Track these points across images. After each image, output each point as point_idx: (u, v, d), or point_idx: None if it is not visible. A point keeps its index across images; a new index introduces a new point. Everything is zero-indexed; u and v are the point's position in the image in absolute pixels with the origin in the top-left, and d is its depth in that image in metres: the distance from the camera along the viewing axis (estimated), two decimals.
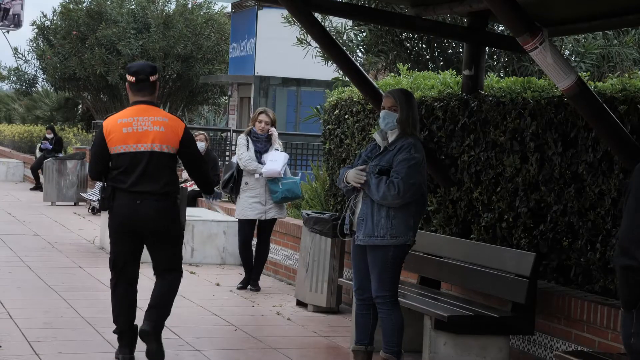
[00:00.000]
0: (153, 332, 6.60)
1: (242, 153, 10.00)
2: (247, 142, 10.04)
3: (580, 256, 6.98)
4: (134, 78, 6.73)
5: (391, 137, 6.57)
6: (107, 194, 6.65)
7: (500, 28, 10.65)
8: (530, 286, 6.58)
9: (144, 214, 6.55)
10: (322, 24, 12.54)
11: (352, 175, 6.54)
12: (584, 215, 6.93)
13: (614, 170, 6.67)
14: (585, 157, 6.89)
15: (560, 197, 7.12)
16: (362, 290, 6.70)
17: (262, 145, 10.03)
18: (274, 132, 10.07)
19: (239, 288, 10.06)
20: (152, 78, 6.76)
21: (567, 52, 12.13)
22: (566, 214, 7.08)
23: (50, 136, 22.69)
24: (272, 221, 10.19)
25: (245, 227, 10.12)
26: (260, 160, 9.97)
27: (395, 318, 6.53)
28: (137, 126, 6.60)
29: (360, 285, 6.71)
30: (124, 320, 6.72)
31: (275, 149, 10.02)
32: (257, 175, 9.96)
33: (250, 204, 9.98)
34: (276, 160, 9.91)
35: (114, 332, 6.81)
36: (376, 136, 6.65)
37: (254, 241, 10.27)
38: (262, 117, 10.08)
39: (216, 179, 14.24)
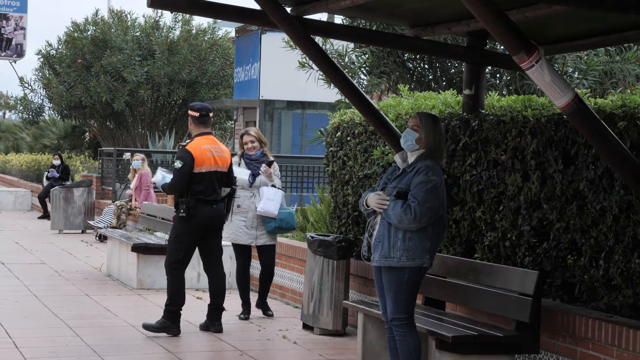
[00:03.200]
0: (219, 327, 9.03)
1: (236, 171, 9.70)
2: (239, 164, 9.85)
3: (584, 273, 6.95)
4: (197, 114, 8.96)
5: (411, 159, 6.57)
6: (192, 204, 8.81)
7: (501, 47, 10.64)
8: (534, 304, 6.57)
9: (219, 214, 9.03)
10: (324, 47, 12.63)
11: (373, 200, 6.54)
12: (586, 232, 6.91)
13: (614, 187, 6.66)
14: (586, 174, 6.89)
15: (563, 215, 7.11)
16: (387, 313, 6.63)
17: (255, 167, 9.85)
18: (267, 169, 9.76)
19: (241, 319, 9.78)
20: (210, 114, 9.08)
21: (569, 69, 12.12)
22: (569, 231, 7.07)
23: (57, 162, 22.68)
24: (270, 247, 9.93)
25: (242, 251, 9.91)
26: (253, 183, 9.79)
27: (412, 340, 6.50)
28: (215, 152, 9.00)
29: (385, 309, 6.63)
30: (183, 299, 8.92)
31: (272, 185, 9.80)
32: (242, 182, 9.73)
33: (241, 227, 9.76)
34: (273, 200, 9.68)
35: (172, 309, 8.77)
36: (397, 158, 6.66)
37: (258, 266, 10.21)
38: (246, 138, 9.92)
39: None
